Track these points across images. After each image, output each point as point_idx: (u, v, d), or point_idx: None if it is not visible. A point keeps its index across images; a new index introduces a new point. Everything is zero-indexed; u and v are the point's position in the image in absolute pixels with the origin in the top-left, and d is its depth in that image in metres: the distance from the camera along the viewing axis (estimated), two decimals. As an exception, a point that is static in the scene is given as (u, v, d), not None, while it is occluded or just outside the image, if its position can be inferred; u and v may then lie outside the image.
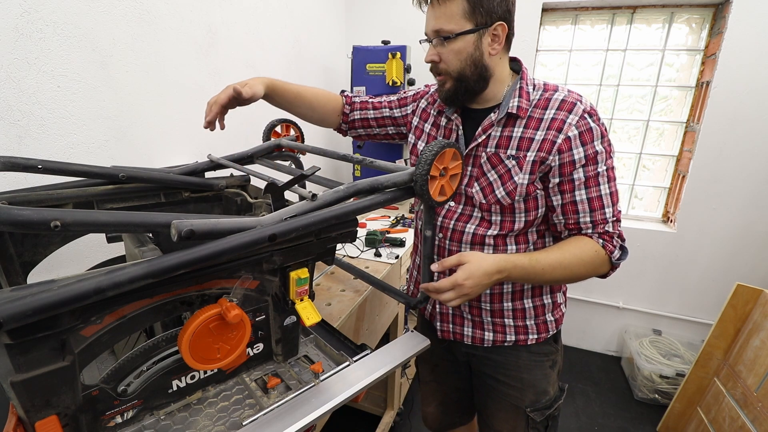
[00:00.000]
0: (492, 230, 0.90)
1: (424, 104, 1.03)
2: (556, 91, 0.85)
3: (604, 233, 0.83)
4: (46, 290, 0.42)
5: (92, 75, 1.04)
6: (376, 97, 1.11)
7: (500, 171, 0.86)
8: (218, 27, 1.45)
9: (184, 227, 0.49)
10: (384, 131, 1.11)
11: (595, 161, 0.81)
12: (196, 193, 0.98)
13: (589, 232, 0.84)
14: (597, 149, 0.81)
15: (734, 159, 1.97)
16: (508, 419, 1.01)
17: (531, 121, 0.84)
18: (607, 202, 0.83)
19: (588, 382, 2.25)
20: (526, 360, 0.97)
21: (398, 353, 0.79)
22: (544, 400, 0.98)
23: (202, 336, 0.57)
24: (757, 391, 1.48)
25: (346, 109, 1.10)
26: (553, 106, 0.83)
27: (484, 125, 0.88)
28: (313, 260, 0.72)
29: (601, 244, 0.83)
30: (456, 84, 0.85)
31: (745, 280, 1.76)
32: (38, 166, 0.74)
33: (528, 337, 0.96)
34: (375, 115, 1.10)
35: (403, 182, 0.75)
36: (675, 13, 2.03)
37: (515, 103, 0.84)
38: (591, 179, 0.82)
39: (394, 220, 1.90)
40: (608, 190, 0.82)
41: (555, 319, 0.98)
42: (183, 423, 0.63)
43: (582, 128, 0.80)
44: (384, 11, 2.38)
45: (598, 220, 0.83)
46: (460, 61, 0.82)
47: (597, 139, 0.81)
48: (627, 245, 0.86)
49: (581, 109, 0.81)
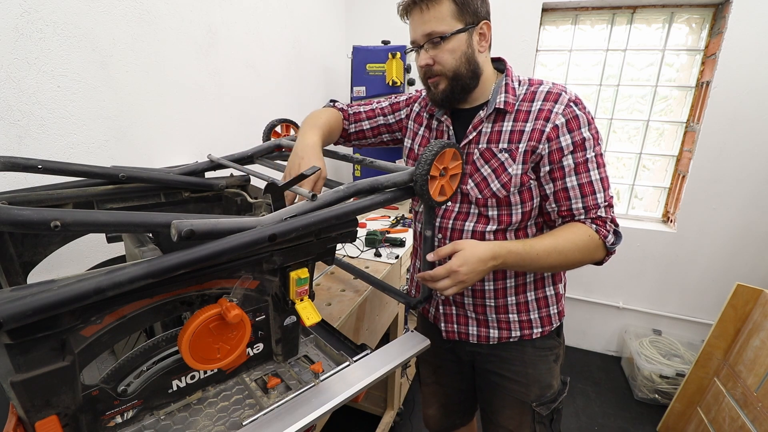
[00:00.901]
0: (491, 226, 0.91)
1: (418, 108, 1.05)
2: (541, 84, 0.88)
3: (596, 218, 0.84)
4: (46, 290, 0.42)
5: (92, 75, 1.04)
6: (368, 105, 1.11)
7: (493, 165, 0.88)
8: (218, 27, 1.45)
9: (184, 227, 0.49)
10: (379, 139, 1.12)
11: (583, 147, 0.83)
12: (196, 193, 0.98)
13: (581, 218, 0.85)
14: (584, 136, 0.83)
15: (734, 159, 1.97)
16: (514, 415, 1.01)
17: (520, 114, 0.86)
18: (597, 188, 0.84)
19: (588, 382, 2.25)
20: (531, 355, 0.99)
21: (398, 353, 0.79)
22: (549, 393, 0.99)
23: (202, 336, 0.57)
24: (757, 391, 1.48)
25: (344, 124, 1.10)
26: (539, 98, 0.86)
27: (474, 122, 0.90)
28: (313, 260, 0.72)
29: (595, 229, 0.84)
30: (451, 83, 0.86)
31: (745, 280, 1.77)
32: (38, 166, 0.74)
33: (533, 331, 0.97)
34: (370, 125, 1.10)
35: (403, 182, 0.75)
36: (675, 13, 2.03)
37: (502, 99, 0.87)
38: (580, 165, 0.83)
39: (394, 220, 1.90)
40: (598, 175, 0.84)
41: (558, 311, 0.99)
42: (183, 423, 0.63)
43: (568, 116, 0.83)
44: (384, 11, 2.38)
45: (590, 206, 0.84)
46: (455, 60, 0.84)
47: (584, 126, 0.83)
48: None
49: (566, 99, 0.84)
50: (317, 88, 2.23)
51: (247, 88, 1.65)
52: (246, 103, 1.65)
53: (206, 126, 1.45)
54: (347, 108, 1.11)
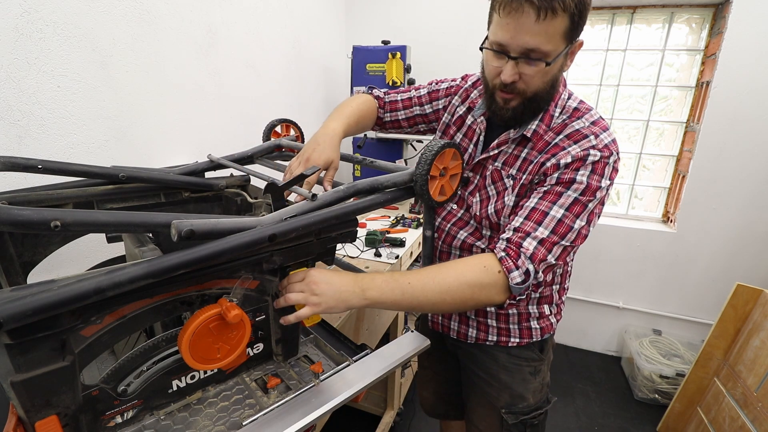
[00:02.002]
0: (482, 242, 0.90)
1: (458, 101, 0.98)
2: (581, 117, 0.78)
3: (514, 243, 0.71)
4: (46, 290, 0.42)
5: (92, 75, 1.04)
6: (406, 93, 1.06)
7: (498, 188, 0.86)
8: (218, 27, 1.45)
9: (184, 227, 0.49)
10: (415, 129, 1.08)
11: (567, 185, 0.72)
12: (196, 193, 0.98)
13: (503, 237, 0.74)
14: (576, 178, 0.72)
15: (734, 159, 1.97)
16: (485, 416, 1.01)
17: (538, 144, 0.80)
18: (546, 222, 0.71)
19: (588, 382, 2.25)
20: (505, 361, 0.96)
21: (398, 353, 0.79)
22: (521, 405, 0.95)
23: (202, 336, 0.57)
24: (757, 391, 1.48)
25: (379, 113, 1.06)
26: (565, 132, 0.78)
27: (500, 140, 0.84)
28: (313, 260, 0.72)
29: (500, 257, 0.70)
30: (526, 103, 0.76)
31: (745, 280, 1.76)
32: (38, 166, 0.74)
33: (510, 339, 0.95)
34: (406, 115, 1.06)
35: (403, 182, 0.75)
36: (675, 13, 2.03)
37: (533, 127, 0.80)
38: (549, 194, 0.73)
39: (394, 220, 1.90)
40: (559, 215, 0.71)
41: (541, 327, 0.94)
42: (183, 423, 0.63)
43: (577, 157, 0.73)
44: (384, 11, 2.38)
45: (522, 230, 0.72)
46: (544, 83, 0.73)
47: (585, 170, 0.73)
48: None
49: (588, 144, 0.74)
50: (317, 88, 2.23)
51: (247, 88, 1.65)
52: (246, 103, 1.65)
53: (206, 126, 1.45)
54: (384, 96, 1.06)
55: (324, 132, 0.85)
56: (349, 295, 0.67)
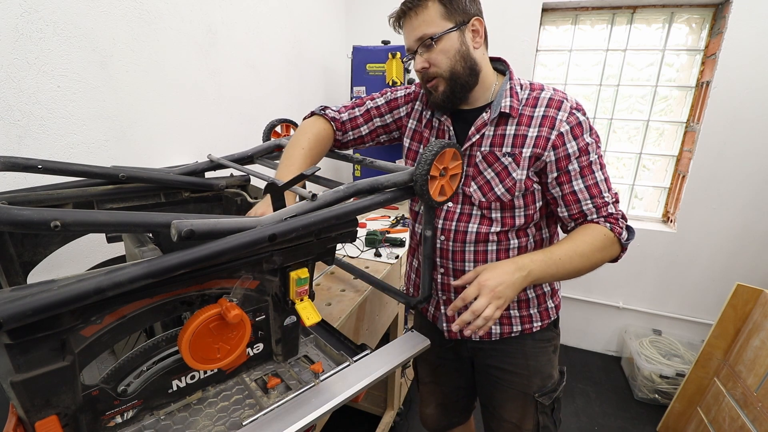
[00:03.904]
0: (494, 227, 0.91)
1: (420, 107, 1.01)
2: (542, 90, 0.89)
3: (608, 216, 0.87)
4: (46, 290, 0.42)
5: (92, 75, 1.04)
6: (362, 106, 1.03)
7: (497, 169, 0.88)
8: (218, 27, 1.45)
9: (184, 227, 0.49)
10: (376, 141, 1.07)
11: (587, 152, 0.86)
12: (196, 193, 0.98)
13: (594, 217, 0.87)
14: (587, 141, 0.86)
15: (734, 159, 1.97)
16: (516, 407, 1.03)
17: (523, 119, 0.87)
18: (603, 188, 0.87)
19: (588, 382, 2.25)
20: (532, 347, 1.00)
21: (398, 353, 0.79)
22: (550, 384, 1.02)
23: (202, 336, 0.57)
24: (757, 391, 1.48)
25: (338, 135, 1.02)
26: (542, 104, 0.87)
27: (477, 125, 0.89)
28: (313, 260, 0.72)
29: (609, 227, 0.86)
30: (450, 84, 0.86)
31: (745, 280, 1.76)
32: (38, 166, 0.74)
33: (533, 325, 0.99)
34: (368, 129, 1.04)
35: (403, 182, 0.75)
36: (675, 13, 2.03)
37: (507, 103, 0.87)
38: (585, 168, 0.86)
39: (394, 220, 1.90)
40: (602, 176, 0.87)
41: (555, 305, 1.02)
42: (183, 423, 0.63)
43: (572, 123, 0.85)
44: (384, 11, 2.35)
45: (600, 205, 0.87)
46: (450, 59, 0.84)
47: (586, 132, 0.86)
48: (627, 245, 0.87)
49: (569, 106, 0.86)
50: (317, 88, 2.23)
51: (247, 88, 1.65)
52: (246, 103, 1.65)
53: (206, 126, 1.45)
54: (339, 115, 1.02)
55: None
56: (520, 281, 0.78)
